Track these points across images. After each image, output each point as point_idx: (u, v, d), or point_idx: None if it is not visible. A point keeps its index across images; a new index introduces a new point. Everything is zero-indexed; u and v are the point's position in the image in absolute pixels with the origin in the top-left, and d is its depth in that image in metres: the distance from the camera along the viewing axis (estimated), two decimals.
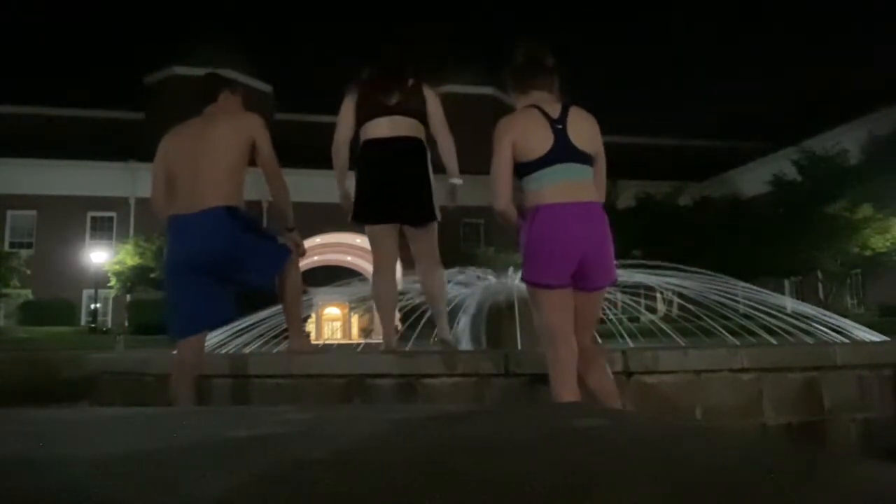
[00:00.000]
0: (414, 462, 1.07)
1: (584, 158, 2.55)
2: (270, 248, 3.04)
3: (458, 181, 3.53)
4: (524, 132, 2.56)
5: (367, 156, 3.36)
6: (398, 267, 3.53)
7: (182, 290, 2.89)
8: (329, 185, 3.37)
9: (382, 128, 3.31)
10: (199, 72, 3.49)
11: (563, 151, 2.51)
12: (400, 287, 4.11)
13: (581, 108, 2.65)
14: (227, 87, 3.25)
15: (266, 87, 32.16)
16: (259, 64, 32.05)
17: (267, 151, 3.05)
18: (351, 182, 3.42)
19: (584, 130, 2.59)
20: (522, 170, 2.56)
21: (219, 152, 2.93)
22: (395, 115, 3.31)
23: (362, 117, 3.37)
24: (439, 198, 3.41)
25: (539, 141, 2.52)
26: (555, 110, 2.58)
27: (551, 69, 2.69)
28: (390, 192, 3.29)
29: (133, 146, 27.95)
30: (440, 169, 3.44)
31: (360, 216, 3.37)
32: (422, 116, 3.38)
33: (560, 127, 2.54)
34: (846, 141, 20.88)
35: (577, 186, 2.50)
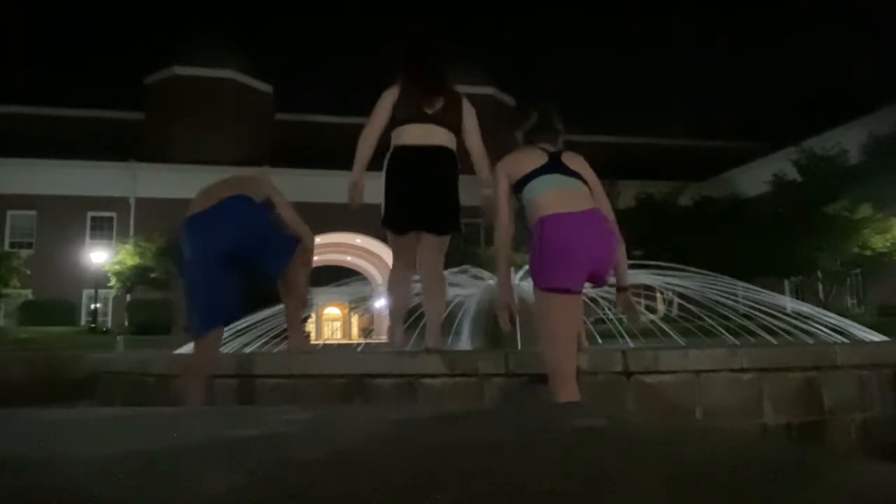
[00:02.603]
0: (414, 462, 1.07)
1: (577, 175, 2.70)
2: (283, 236, 3.13)
3: (490, 192, 3.54)
4: (519, 159, 2.76)
5: (399, 162, 3.31)
6: None
7: (205, 284, 2.90)
8: (329, 185, 3.38)
9: (416, 135, 3.29)
10: (200, 72, 3.54)
11: (555, 167, 2.68)
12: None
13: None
14: None
15: (266, 87, 32.17)
16: (259, 64, 32.07)
17: (285, 210, 3.20)
18: (368, 180, 3.37)
19: (576, 162, 2.77)
20: (519, 187, 2.70)
21: (237, 180, 3.18)
22: (433, 124, 3.29)
23: (398, 119, 3.32)
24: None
25: (532, 162, 2.70)
26: (551, 148, 2.80)
27: (560, 131, 2.88)
28: (420, 200, 3.28)
29: (133, 146, 27.99)
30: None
31: (393, 223, 3.34)
32: (457, 129, 3.38)
33: (554, 153, 2.75)
34: (846, 141, 20.87)
35: (572, 196, 2.61)
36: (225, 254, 2.85)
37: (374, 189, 3.32)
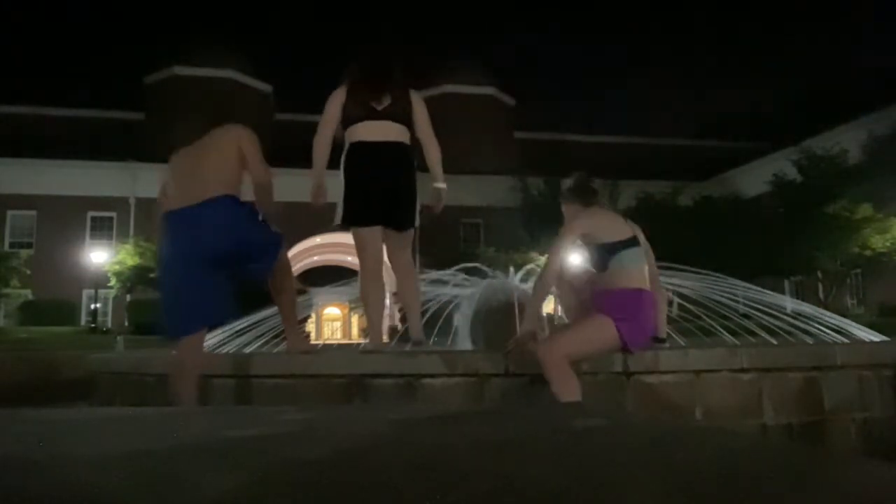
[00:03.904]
0: (414, 462, 1.07)
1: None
2: (269, 236, 3.07)
3: (443, 186, 3.57)
4: (602, 222, 3.08)
5: (355, 159, 3.37)
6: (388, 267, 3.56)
7: (184, 286, 2.86)
8: (329, 185, 3.36)
9: (371, 131, 3.34)
10: (200, 72, 3.52)
11: (639, 241, 3.07)
12: (394, 288, 4.12)
13: None
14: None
15: (266, 87, 32.15)
16: (259, 64, 32.03)
17: (252, 154, 3.06)
18: (331, 180, 3.41)
19: (641, 234, 3.17)
20: (607, 249, 2.99)
21: (215, 157, 3.01)
22: (383, 119, 3.35)
23: (349, 118, 3.39)
24: (423, 201, 3.48)
25: (621, 227, 3.05)
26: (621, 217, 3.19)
27: (598, 192, 3.33)
28: (380, 197, 3.33)
29: (133, 146, 27.95)
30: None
31: (350, 219, 3.38)
32: (408, 122, 3.43)
33: (632, 223, 3.15)
34: (846, 141, 20.86)
35: (647, 275, 3.03)
36: (207, 257, 2.81)
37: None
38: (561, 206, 3.36)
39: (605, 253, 3.02)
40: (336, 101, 3.43)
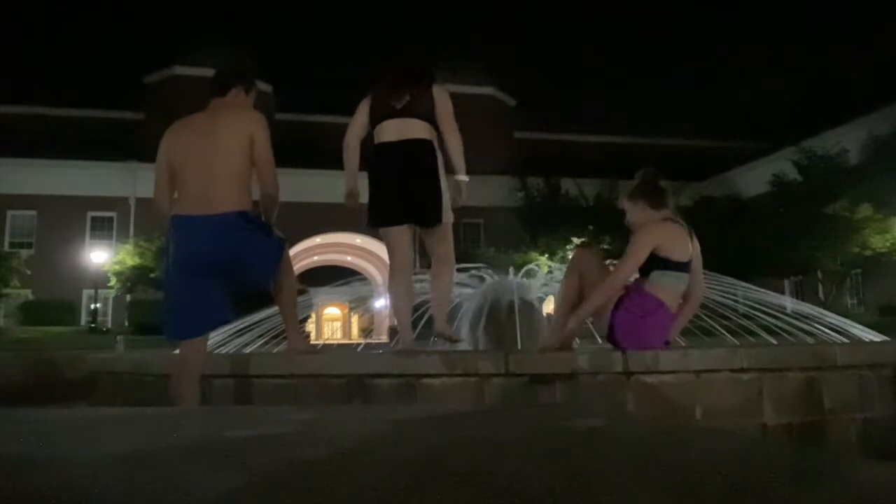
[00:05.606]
0: (414, 462, 1.07)
1: None
2: (270, 244, 3.05)
3: (464, 179, 3.56)
4: (672, 237, 3.11)
5: (377, 159, 3.43)
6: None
7: (188, 291, 2.86)
8: (329, 185, 3.39)
9: (392, 131, 3.38)
10: (200, 72, 3.51)
11: (691, 267, 3.16)
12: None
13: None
14: (241, 84, 3.17)
15: (266, 88, 32.14)
16: (259, 64, 32.01)
17: (262, 150, 2.98)
18: (364, 183, 3.45)
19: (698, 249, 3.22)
20: (661, 262, 3.06)
21: (226, 155, 2.91)
22: (404, 117, 3.37)
23: (374, 119, 3.45)
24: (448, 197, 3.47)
25: (686, 249, 3.12)
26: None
27: (668, 192, 3.33)
28: (400, 194, 3.35)
29: (133, 146, 27.95)
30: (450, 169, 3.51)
31: (373, 219, 3.43)
32: (431, 118, 3.42)
33: (694, 242, 3.18)
34: (846, 141, 20.86)
35: (678, 299, 3.17)
36: (209, 263, 2.82)
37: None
38: (625, 204, 3.28)
39: (657, 264, 3.07)
40: (364, 106, 3.50)
